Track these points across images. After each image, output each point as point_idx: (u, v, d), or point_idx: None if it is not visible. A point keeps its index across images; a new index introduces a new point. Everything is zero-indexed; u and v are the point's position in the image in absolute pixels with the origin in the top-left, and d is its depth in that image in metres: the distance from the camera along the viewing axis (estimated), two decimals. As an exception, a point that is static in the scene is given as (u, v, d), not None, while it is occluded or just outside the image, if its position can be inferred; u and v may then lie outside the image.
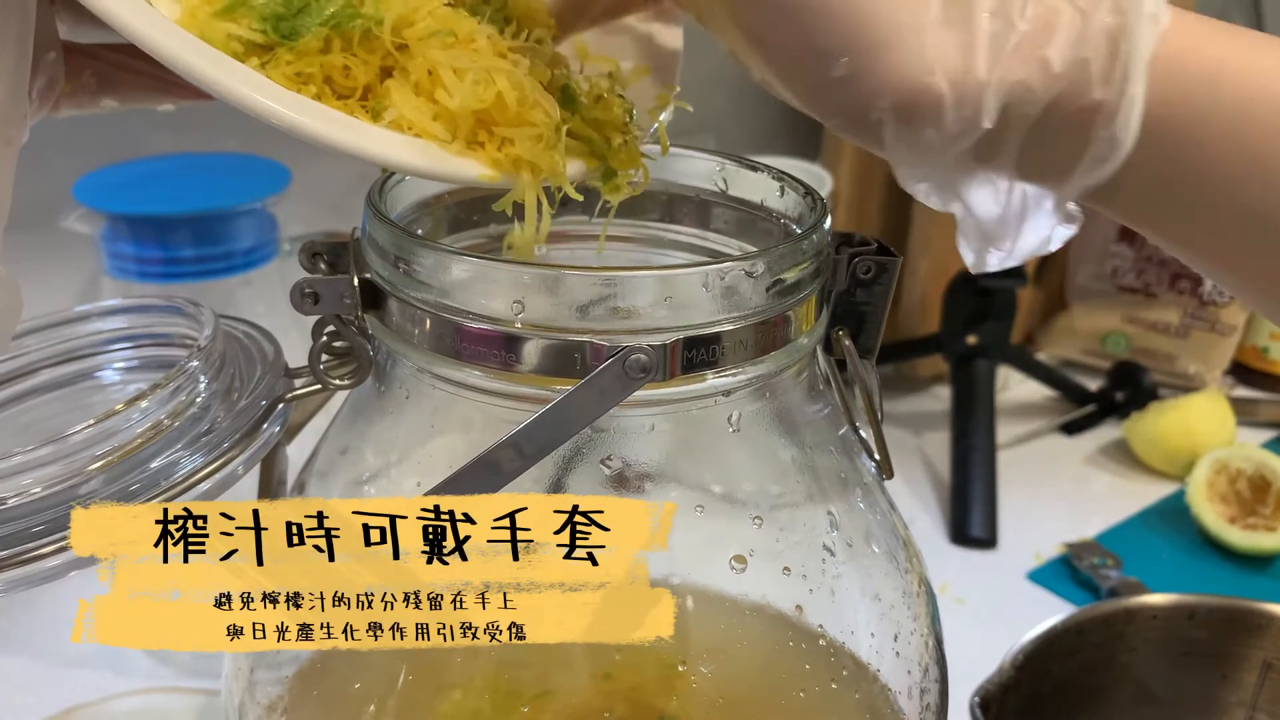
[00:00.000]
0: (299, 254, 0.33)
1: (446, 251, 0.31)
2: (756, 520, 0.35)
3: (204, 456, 0.31)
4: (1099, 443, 0.89)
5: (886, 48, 0.25)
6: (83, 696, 0.54)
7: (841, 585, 0.35)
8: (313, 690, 0.35)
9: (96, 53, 0.31)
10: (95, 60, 0.31)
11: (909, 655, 0.36)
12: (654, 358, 0.29)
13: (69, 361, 0.36)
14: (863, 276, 0.35)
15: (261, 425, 0.32)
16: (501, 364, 0.30)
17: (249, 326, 0.36)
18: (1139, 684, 0.53)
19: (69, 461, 0.30)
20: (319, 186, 0.71)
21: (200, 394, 0.32)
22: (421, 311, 0.31)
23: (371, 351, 0.33)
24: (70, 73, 0.31)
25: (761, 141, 1.01)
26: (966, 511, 0.77)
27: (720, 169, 0.37)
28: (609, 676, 0.35)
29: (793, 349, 0.33)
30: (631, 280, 0.30)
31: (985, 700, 0.46)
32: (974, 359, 0.83)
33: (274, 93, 0.28)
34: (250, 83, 0.27)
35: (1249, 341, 0.98)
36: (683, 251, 0.38)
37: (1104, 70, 0.25)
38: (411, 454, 0.35)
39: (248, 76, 0.28)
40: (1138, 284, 0.99)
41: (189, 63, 0.26)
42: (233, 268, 0.59)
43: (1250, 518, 0.75)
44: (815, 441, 0.35)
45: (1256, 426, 0.91)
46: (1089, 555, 0.72)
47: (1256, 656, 0.52)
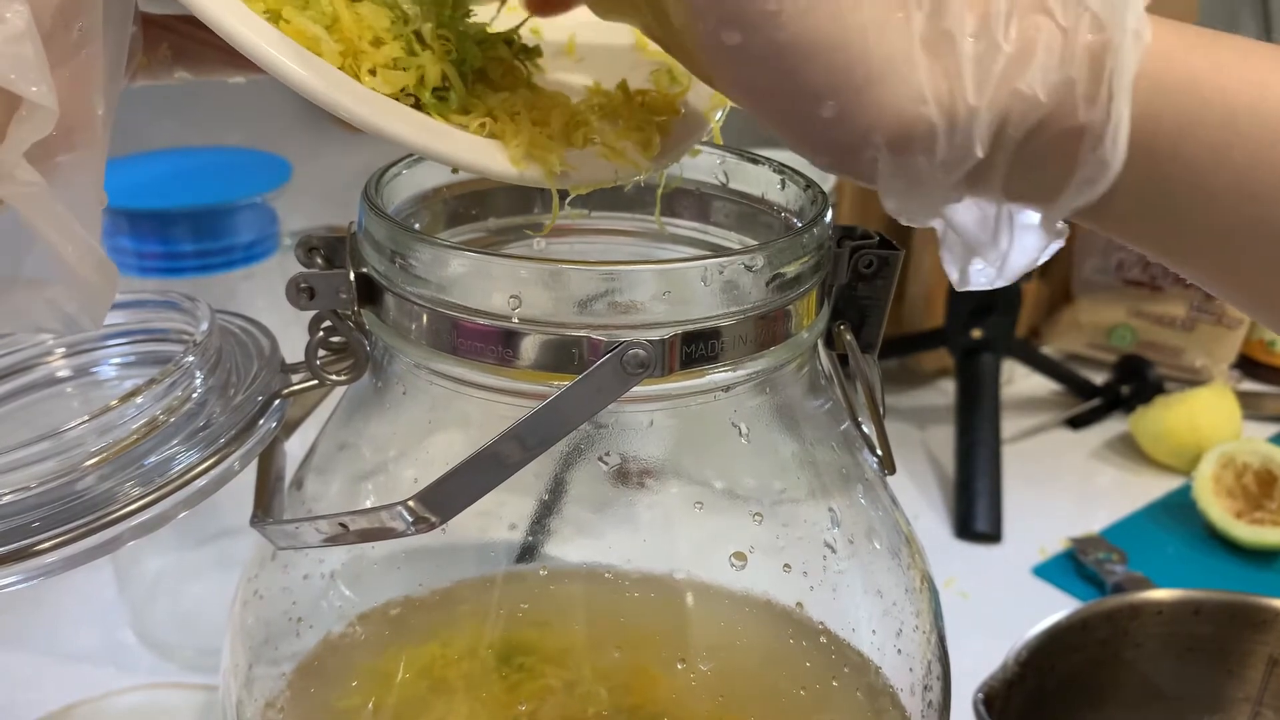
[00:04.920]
0: (295, 249, 0.33)
1: (443, 246, 0.31)
2: (757, 516, 0.34)
3: (200, 452, 0.31)
4: (1104, 437, 0.88)
5: (875, 82, 0.25)
6: (85, 692, 0.54)
7: (843, 582, 0.35)
8: (310, 687, 0.35)
9: (172, 25, 0.32)
10: (170, 32, 0.32)
11: (911, 652, 0.35)
12: (652, 353, 0.29)
13: (65, 357, 0.36)
14: (864, 270, 0.34)
15: (258, 421, 0.32)
16: (499, 359, 0.30)
17: (245, 321, 0.36)
18: (1144, 680, 0.53)
19: (65, 457, 0.30)
20: (320, 180, 0.71)
21: (196, 389, 0.32)
22: (418, 307, 0.31)
23: (368, 347, 0.33)
24: (147, 44, 0.31)
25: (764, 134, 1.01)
26: (971, 506, 0.76)
27: (721, 162, 0.37)
28: (608, 674, 0.35)
29: (793, 344, 0.32)
30: (629, 275, 0.29)
31: (989, 696, 0.46)
32: (979, 353, 0.83)
33: (334, 79, 0.28)
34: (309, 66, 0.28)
35: (1255, 335, 0.98)
36: (683, 245, 0.38)
37: (1089, 91, 0.25)
38: (409, 450, 0.35)
39: (335, 74, 0.28)
40: (1143, 277, 0.99)
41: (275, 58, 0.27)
42: (233, 262, 0.59)
43: (1257, 512, 0.75)
44: (817, 437, 0.35)
45: (1263, 420, 0.90)
46: (1094, 550, 0.72)
47: (1262, 652, 0.52)
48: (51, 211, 0.26)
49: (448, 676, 0.34)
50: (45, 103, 0.24)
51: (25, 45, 0.24)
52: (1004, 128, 0.25)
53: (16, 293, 0.27)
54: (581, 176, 0.31)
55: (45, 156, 0.25)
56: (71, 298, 0.27)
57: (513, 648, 0.34)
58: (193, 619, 0.62)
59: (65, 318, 0.28)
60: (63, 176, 0.26)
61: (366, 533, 0.31)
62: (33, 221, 0.25)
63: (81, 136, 0.26)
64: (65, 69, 0.25)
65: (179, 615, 0.62)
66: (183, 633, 0.61)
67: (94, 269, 0.27)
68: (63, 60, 0.25)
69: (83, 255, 0.27)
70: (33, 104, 0.24)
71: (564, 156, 0.30)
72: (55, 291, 0.27)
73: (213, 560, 0.63)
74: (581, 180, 0.31)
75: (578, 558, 0.36)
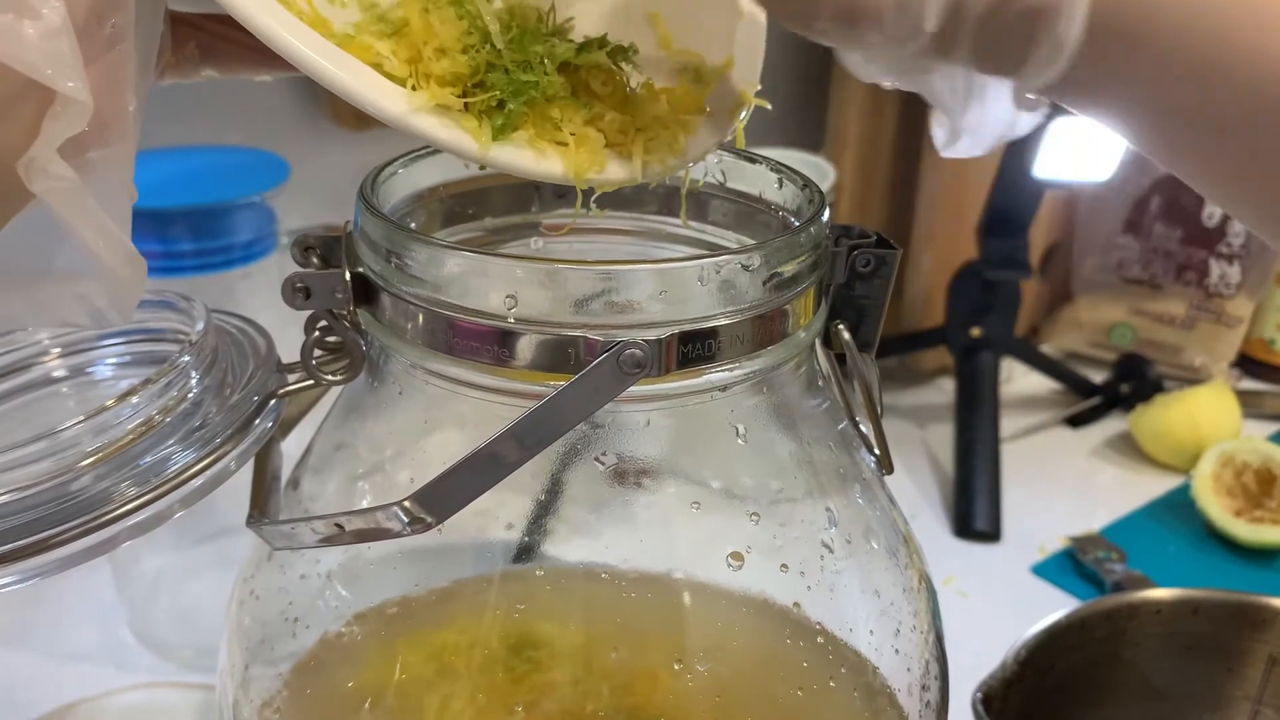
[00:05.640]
0: (291, 248, 0.33)
1: (439, 245, 0.30)
2: (754, 516, 0.34)
3: (196, 452, 0.31)
4: (1104, 435, 0.88)
5: None
6: (84, 691, 0.54)
7: (840, 582, 0.35)
8: (306, 688, 0.35)
9: (199, 23, 0.32)
10: (199, 31, 0.32)
11: (909, 652, 0.35)
12: (649, 353, 0.29)
13: (60, 357, 0.36)
14: (862, 269, 0.34)
15: (254, 421, 0.32)
16: (495, 359, 0.30)
17: (241, 321, 0.36)
18: (1143, 679, 0.53)
19: (60, 457, 0.29)
20: (319, 180, 0.70)
21: (192, 389, 0.32)
22: (414, 306, 0.30)
23: (364, 347, 0.33)
24: (175, 43, 0.31)
25: (763, 133, 1.00)
26: (970, 505, 0.76)
27: (719, 161, 0.37)
28: (606, 674, 0.35)
29: (790, 343, 0.32)
30: (625, 274, 0.29)
31: (988, 695, 0.46)
32: (978, 352, 0.83)
33: (360, 75, 0.28)
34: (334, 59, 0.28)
35: (1255, 334, 0.97)
36: (680, 244, 0.38)
37: None
38: (406, 450, 0.35)
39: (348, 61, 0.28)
40: (1143, 276, 0.99)
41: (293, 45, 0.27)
42: (231, 261, 0.59)
43: (1256, 511, 0.75)
44: (814, 436, 0.35)
45: (1262, 419, 0.90)
46: (1093, 549, 0.72)
47: (1262, 651, 0.52)
48: (84, 207, 0.26)
49: (445, 676, 0.34)
50: (80, 98, 0.25)
51: (61, 41, 0.24)
52: (961, 5, 0.26)
53: (48, 287, 0.27)
54: (605, 176, 0.31)
55: (78, 152, 0.25)
56: (102, 293, 0.27)
57: (510, 647, 0.34)
58: (191, 618, 0.62)
59: (95, 312, 0.28)
60: (95, 172, 0.26)
61: (363, 533, 0.30)
62: (66, 217, 0.26)
63: (114, 132, 0.26)
64: (98, 65, 0.25)
65: (177, 614, 0.62)
66: (181, 632, 0.61)
67: (124, 264, 0.27)
68: (96, 56, 0.25)
69: (114, 250, 0.27)
70: (67, 99, 0.24)
71: (607, 162, 0.31)
72: (86, 286, 0.27)
73: (211, 559, 0.63)
74: (604, 180, 0.31)
75: (575, 557, 0.36)
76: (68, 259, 0.27)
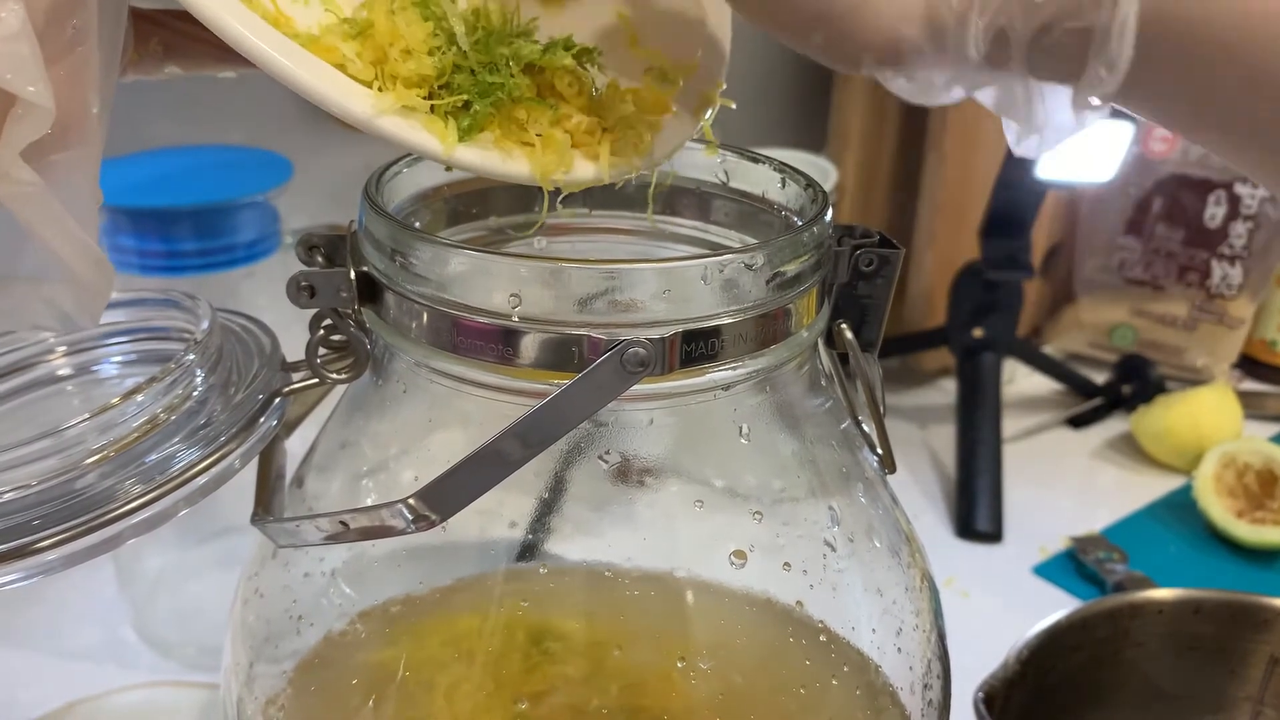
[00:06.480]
0: (296, 247, 0.33)
1: (443, 244, 0.31)
2: (757, 515, 0.34)
3: (201, 450, 0.31)
4: (1105, 436, 0.88)
5: (859, 7, 0.26)
6: (85, 690, 0.54)
7: (843, 581, 0.35)
8: (311, 685, 0.35)
9: (162, 19, 0.32)
10: (161, 27, 0.32)
11: (911, 651, 0.35)
12: (652, 351, 0.29)
13: (65, 355, 0.36)
14: (865, 269, 0.34)
15: (258, 419, 0.32)
16: (499, 358, 0.30)
17: (246, 320, 0.36)
18: (1145, 679, 0.53)
19: (65, 455, 0.30)
20: (322, 179, 0.71)
21: (197, 388, 0.32)
22: (418, 305, 0.31)
23: (369, 345, 0.33)
24: (137, 39, 0.31)
25: (766, 133, 1.01)
26: (972, 505, 0.76)
27: (721, 161, 0.37)
28: (608, 672, 0.35)
29: (793, 342, 0.32)
30: (629, 273, 0.29)
31: (989, 695, 0.46)
32: (980, 352, 0.83)
33: (320, 71, 0.28)
34: (293, 55, 0.27)
35: (1257, 335, 0.98)
36: (683, 244, 0.38)
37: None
38: (410, 448, 0.35)
39: (312, 61, 0.28)
40: (1145, 276, 0.99)
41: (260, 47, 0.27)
42: (235, 260, 0.59)
43: (1258, 511, 0.75)
44: (817, 435, 0.35)
45: (1264, 420, 0.90)
46: (1095, 549, 0.72)
47: (1263, 651, 0.52)
48: (48, 210, 0.26)
49: (448, 674, 0.34)
50: (42, 102, 0.24)
51: (21, 44, 0.24)
52: (1007, 30, 0.26)
53: (14, 290, 0.27)
54: (572, 176, 0.31)
55: (41, 155, 0.25)
56: (68, 296, 0.27)
57: (513, 645, 0.34)
58: (194, 617, 0.62)
59: (62, 316, 0.28)
60: (58, 175, 0.26)
61: (367, 531, 0.31)
62: (29, 221, 0.25)
63: (77, 135, 0.26)
64: (60, 67, 0.25)
65: (180, 613, 0.62)
66: (184, 630, 0.61)
67: (91, 267, 0.27)
68: (57, 58, 0.25)
69: (79, 253, 0.27)
70: (29, 103, 0.24)
71: (574, 162, 0.31)
72: (52, 290, 0.27)
73: (214, 558, 0.63)
74: (571, 180, 0.31)
75: (578, 556, 0.36)
76: (34, 262, 0.27)
